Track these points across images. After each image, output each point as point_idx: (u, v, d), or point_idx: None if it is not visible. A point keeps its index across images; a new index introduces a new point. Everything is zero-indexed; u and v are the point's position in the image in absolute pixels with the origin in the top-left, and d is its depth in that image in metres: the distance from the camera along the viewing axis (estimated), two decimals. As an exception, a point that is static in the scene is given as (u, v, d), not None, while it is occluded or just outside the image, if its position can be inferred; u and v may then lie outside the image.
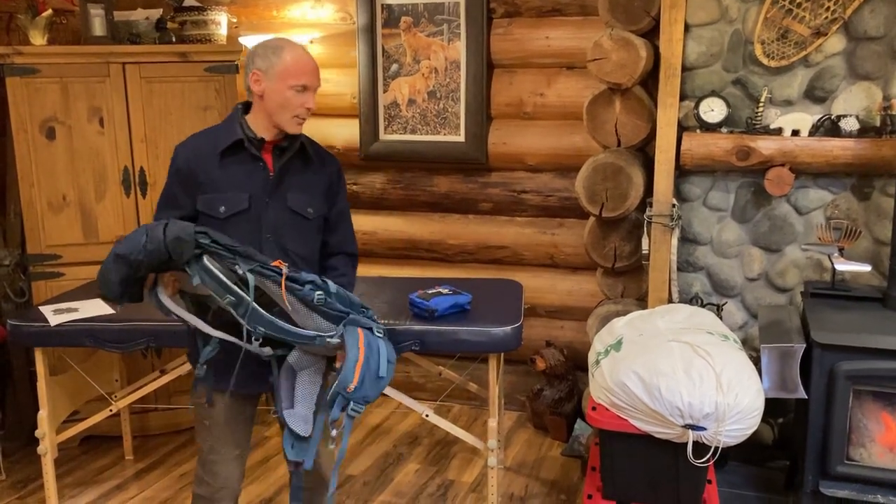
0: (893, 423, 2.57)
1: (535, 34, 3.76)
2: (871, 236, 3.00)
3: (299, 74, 2.21)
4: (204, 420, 2.36)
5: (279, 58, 2.20)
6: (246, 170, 2.27)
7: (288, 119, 2.24)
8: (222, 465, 2.37)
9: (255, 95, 2.24)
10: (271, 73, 2.20)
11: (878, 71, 2.90)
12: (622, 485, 2.56)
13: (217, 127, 2.36)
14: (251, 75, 2.22)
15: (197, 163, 2.25)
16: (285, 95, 2.21)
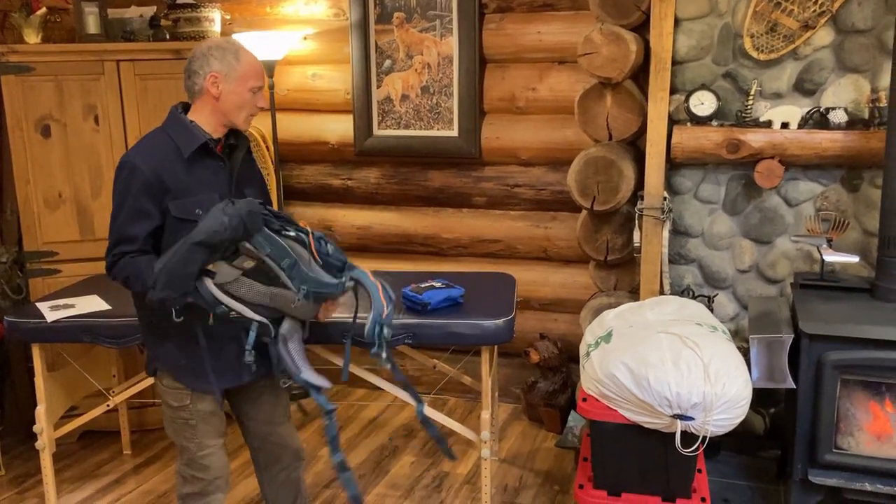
0: (881, 412, 2.60)
1: (526, 29, 3.78)
2: (860, 227, 3.03)
3: (257, 77, 2.29)
4: (188, 420, 2.39)
5: (238, 61, 2.25)
6: (211, 170, 2.31)
7: (244, 118, 2.32)
8: (212, 457, 2.43)
9: (207, 96, 2.26)
10: (232, 76, 2.25)
11: (866, 63, 2.92)
12: (613, 475, 2.59)
13: (163, 133, 2.30)
14: (208, 77, 2.23)
15: (163, 170, 2.22)
16: (244, 97, 2.28)
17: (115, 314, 2.93)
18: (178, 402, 2.38)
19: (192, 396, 2.36)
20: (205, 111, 2.29)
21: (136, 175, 2.21)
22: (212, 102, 2.27)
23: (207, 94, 2.26)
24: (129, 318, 2.91)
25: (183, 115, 2.31)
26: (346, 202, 4.27)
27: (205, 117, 2.29)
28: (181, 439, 2.42)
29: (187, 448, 2.42)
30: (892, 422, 2.60)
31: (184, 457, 2.44)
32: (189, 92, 2.30)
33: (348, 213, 4.28)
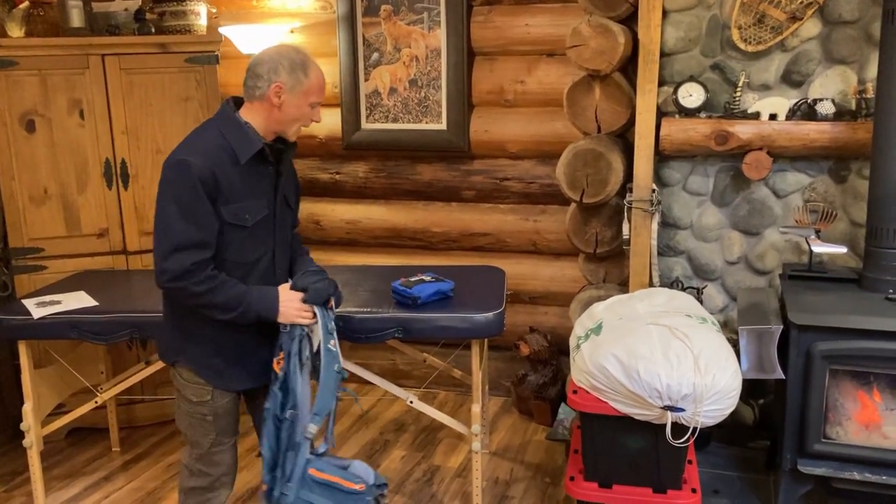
0: (869, 402, 2.62)
1: (514, 21, 3.77)
2: (847, 218, 3.04)
3: (320, 93, 2.29)
4: (206, 416, 2.36)
5: (306, 76, 2.24)
6: (260, 175, 2.29)
7: (295, 129, 2.31)
8: (224, 454, 2.42)
9: (267, 103, 2.23)
10: (297, 89, 2.23)
11: (853, 55, 2.93)
12: (603, 466, 2.59)
13: (216, 131, 2.25)
14: (272, 86, 2.20)
15: (219, 173, 2.18)
16: (303, 111, 2.27)
17: (102, 310, 2.91)
18: (199, 397, 2.35)
19: (214, 393, 2.34)
20: (260, 115, 2.26)
21: (190, 174, 2.15)
22: (270, 109, 2.24)
23: (268, 101, 2.23)
24: (116, 315, 2.90)
25: (237, 114, 2.26)
26: (335, 196, 4.26)
27: (259, 121, 2.26)
28: (195, 434, 2.40)
29: (200, 443, 2.40)
30: (879, 411, 2.61)
31: (194, 451, 2.42)
32: (248, 93, 2.26)
33: (337, 208, 4.26)
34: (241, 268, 2.29)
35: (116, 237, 3.63)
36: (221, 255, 2.24)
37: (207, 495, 2.45)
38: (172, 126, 3.65)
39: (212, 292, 2.19)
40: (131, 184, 3.61)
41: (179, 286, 2.18)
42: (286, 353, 2.33)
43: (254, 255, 2.31)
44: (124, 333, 2.88)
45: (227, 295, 2.21)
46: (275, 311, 2.27)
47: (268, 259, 2.36)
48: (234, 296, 2.22)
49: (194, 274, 2.16)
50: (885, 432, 2.60)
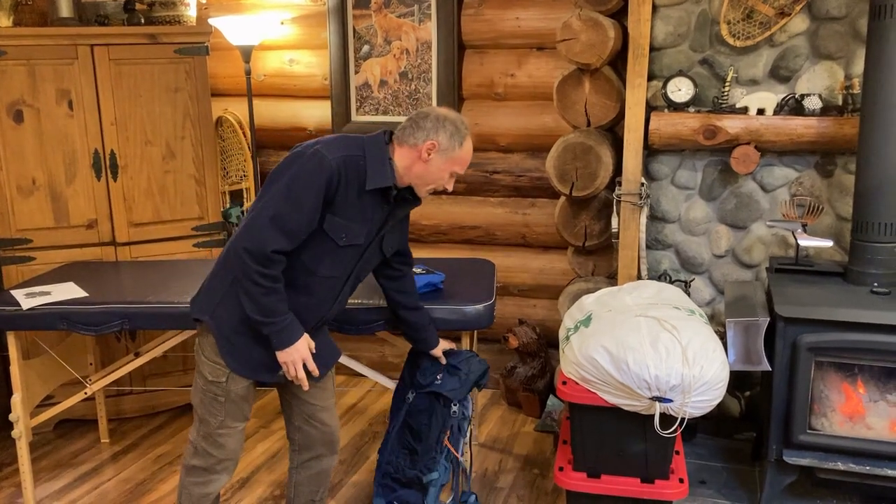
0: (853, 393, 2.65)
1: (505, 15, 3.78)
2: (833, 212, 3.08)
3: (463, 165, 2.35)
4: (218, 396, 2.37)
5: (461, 146, 2.30)
6: (373, 208, 2.31)
7: (427, 189, 2.35)
8: (230, 438, 2.42)
9: (416, 154, 2.28)
10: (448, 154, 2.28)
11: (840, 51, 2.96)
12: (592, 457, 2.62)
13: (360, 152, 2.27)
14: (428, 142, 2.26)
15: (344, 184, 2.21)
16: (443, 175, 2.32)
17: (91, 301, 2.91)
18: (214, 377, 2.36)
19: (229, 376, 2.34)
20: (405, 161, 2.30)
21: (324, 170, 2.18)
22: (416, 161, 2.29)
23: (418, 152, 2.28)
24: (106, 305, 2.90)
25: (386, 147, 2.30)
26: (325, 189, 4.25)
27: (402, 166, 2.30)
28: (205, 412, 2.40)
29: (208, 422, 2.40)
30: (864, 403, 2.65)
31: (202, 429, 2.42)
32: (402, 135, 2.30)
33: (326, 200, 4.25)
34: (310, 276, 2.30)
35: (105, 228, 3.62)
36: (300, 254, 2.25)
37: (207, 477, 2.45)
38: (162, 117, 3.64)
39: (265, 292, 2.19)
40: (120, 175, 3.60)
41: (248, 261, 2.17)
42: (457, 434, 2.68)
43: (328, 272, 2.32)
44: (114, 324, 2.87)
45: (272, 304, 2.22)
46: (283, 346, 2.27)
47: (338, 283, 2.37)
48: (275, 310, 2.23)
49: (266, 265, 2.17)
50: (869, 423, 2.64)
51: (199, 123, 3.73)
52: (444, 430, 2.75)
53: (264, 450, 3.54)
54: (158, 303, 2.91)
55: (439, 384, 2.73)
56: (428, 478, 2.74)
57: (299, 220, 2.19)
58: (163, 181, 3.69)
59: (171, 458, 3.48)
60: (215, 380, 2.36)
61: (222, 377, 2.35)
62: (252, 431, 3.70)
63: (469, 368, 2.75)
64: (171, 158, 3.69)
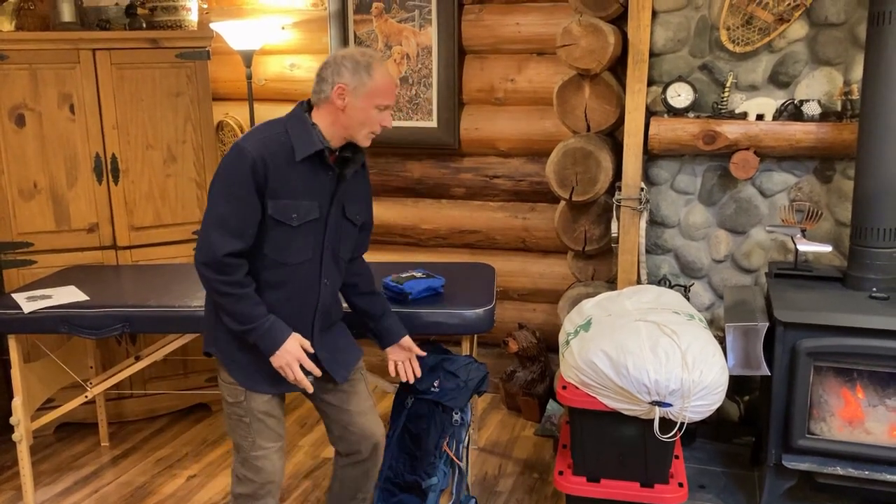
0: (852, 398, 2.66)
1: (505, 20, 3.80)
2: (832, 218, 3.09)
3: (386, 95, 2.23)
4: (242, 417, 2.33)
5: (370, 77, 2.19)
6: (317, 178, 2.25)
7: (364, 134, 2.25)
8: (266, 460, 2.36)
9: (331, 106, 2.21)
10: (360, 91, 2.19)
11: (839, 57, 2.97)
12: (592, 461, 2.62)
13: (282, 128, 2.23)
14: (335, 88, 2.18)
15: (273, 165, 2.16)
16: (369, 114, 2.21)
17: (92, 304, 2.92)
18: (233, 398, 2.33)
19: (247, 394, 2.31)
20: (327, 119, 2.23)
21: (244, 160, 2.14)
22: (335, 113, 2.21)
23: (332, 104, 2.20)
24: (107, 309, 2.90)
25: (307, 115, 2.25)
26: (325, 193, 4.26)
27: (326, 125, 2.23)
28: (236, 436, 2.36)
29: (241, 446, 2.36)
30: (862, 407, 2.66)
31: (239, 455, 2.37)
32: (315, 97, 2.24)
33: (327, 204, 4.26)
34: (281, 268, 2.26)
35: (106, 232, 3.63)
36: (262, 250, 2.22)
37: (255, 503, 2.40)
38: (163, 121, 3.65)
39: (234, 300, 2.18)
40: (121, 178, 3.61)
41: (208, 275, 2.17)
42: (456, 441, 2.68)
43: (297, 258, 2.27)
44: (115, 328, 2.88)
45: (245, 310, 2.19)
46: (272, 350, 2.23)
47: (313, 266, 2.31)
48: (251, 315, 2.20)
49: (225, 272, 2.15)
50: (868, 428, 2.65)
51: (200, 127, 3.75)
52: (444, 435, 2.75)
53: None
54: (159, 306, 2.91)
55: (438, 392, 2.74)
56: (427, 483, 2.74)
57: (239, 216, 2.16)
58: (164, 185, 3.70)
59: (171, 461, 3.48)
60: (235, 401, 2.33)
61: (240, 396, 2.32)
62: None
63: (468, 375, 2.75)
64: (172, 162, 3.70)
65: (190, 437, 3.71)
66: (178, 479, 3.33)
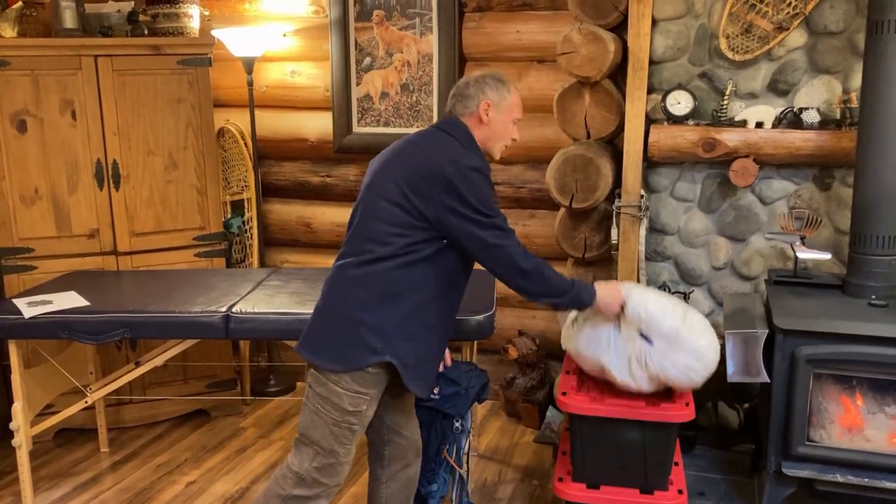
0: (852, 405, 2.66)
1: (506, 28, 3.81)
2: (831, 225, 3.09)
3: (520, 109, 2.41)
4: (353, 426, 2.31)
5: (509, 93, 2.36)
6: None
7: (500, 147, 2.41)
8: (346, 466, 2.37)
9: (476, 121, 2.33)
10: (502, 105, 2.34)
11: (838, 65, 2.99)
12: (591, 467, 2.62)
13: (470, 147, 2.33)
14: (482, 104, 2.32)
15: None
16: (508, 127, 2.38)
17: (93, 310, 2.92)
18: (355, 406, 2.29)
19: (370, 403, 2.31)
20: (475, 135, 2.35)
21: (484, 172, 2.27)
22: (478, 127, 2.34)
23: (477, 118, 2.33)
24: (108, 314, 2.91)
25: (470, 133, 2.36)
26: (325, 199, 4.27)
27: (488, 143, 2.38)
28: (334, 444, 2.32)
29: (335, 453, 2.32)
30: (862, 415, 2.66)
31: (320, 460, 2.33)
32: (460, 114, 2.36)
33: (327, 211, 4.28)
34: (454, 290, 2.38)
35: (107, 238, 3.63)
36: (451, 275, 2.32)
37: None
38: (164, 127, 3.66)
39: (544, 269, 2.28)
40: (122, 184, 3.61)
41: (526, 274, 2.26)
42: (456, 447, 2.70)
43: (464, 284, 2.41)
44: (115, 333, 2.88)
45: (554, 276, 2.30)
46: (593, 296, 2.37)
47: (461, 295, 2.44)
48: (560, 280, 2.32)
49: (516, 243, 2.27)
50: (868, 435, 2.65)
51: (201, 134, 3.76)
52: (445, 442, 2.75)
53: (263, 460, 3.54)
54: (159, 312, 2.92)
55: (438, 399, 2.74)
56: (427, 490, 2.74)
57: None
58: (165, 191, 3.71)
59: (171, 467, 3.48)
60: (356, 409, 2.30)
61: (363, 405, 2.30)
62: (251, 441, 3.71)
63: (469, 382, 2.76)
64: (173, 168, 3.71)
65: (189, 443, 3.71)
66: (177, 486, 3.33)
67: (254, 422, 3.92)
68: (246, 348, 4.17)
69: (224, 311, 2.91)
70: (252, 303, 2.97)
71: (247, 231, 4.22)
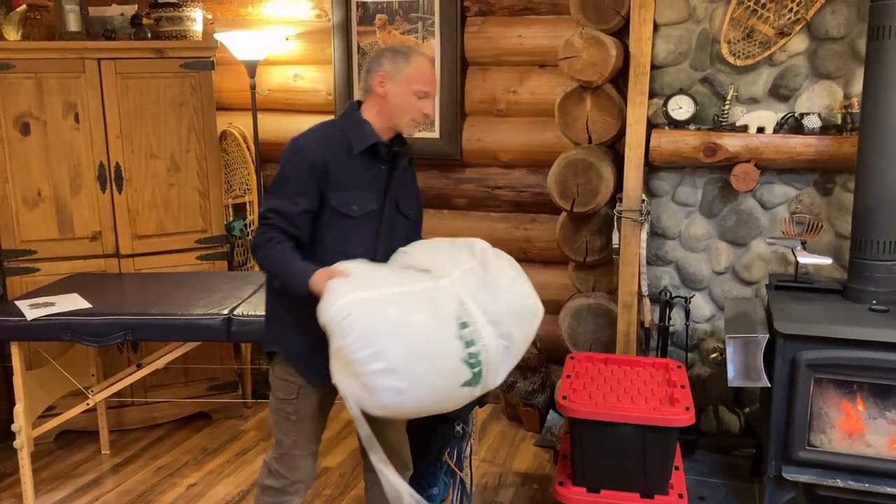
0: (852, 410, 2.66)
1: (508, 32, 3.82)
2: (832, 230, 3.10)
3: (424, 81, 2.30)
4: (290, 416, 2.37)
5: (408, 64, 2.28)
6: (372, 172, 2.32)
7: (406, 122, 2.32)
8: (303, 460, 2.41)
9: (375, 96, 2.30)
10: (398, 77, 2.27)
11: (839, 70, 2.99)
12: (592, 471, 2.62)
13: (337, 125, 2.35)
14: (376, 76, 2.28)
15: (332, 159, 2.25)
16: (408, 100, 2.29)
17: (95, 312, 2.93)
18: (285, 394, 2.37)
19: (299, 393, 2.35)
20: (372, 111, 2.32)
21: (306, 155, 2.25)
22: (378, 103, 2.30)
23: (374, 93, 2.30)
24: (110, 317, 2.92)
25: (358, 112, 2.33)
26: (327, 203, 4.27)
27: (373, 117, 2.32)
28: (279, 432, 2.41)
29: (282, 442, 2.41)
30: (862, 420, 2.66)
31: (277, 450, 2.42)
32: (362, 93, 2.35)
33: (329, 214, 4.28)
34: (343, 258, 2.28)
35: (109, 240, 3.64)
36: (325, 242, 2.27)
37: (281, 498, 2.44)
38: (167, 130, 3.67)
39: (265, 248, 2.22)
40: (125, 187, 3.62)
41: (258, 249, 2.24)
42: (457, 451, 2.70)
43: (357, 250, 2.30)
44: (117, 335, 2.89)
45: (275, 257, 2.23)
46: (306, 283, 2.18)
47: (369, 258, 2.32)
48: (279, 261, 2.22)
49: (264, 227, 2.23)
50: (868, 440, 2.65)
51: (203, 137, 3.77)
52: (445, 446, 2.75)
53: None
54: (161, 315, 2.93)
55: None
56: (428, 493, 2.74)
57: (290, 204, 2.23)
58: (167, 194, 3.72)
59: (172, 469, 3.48)
60: (286, 397, 2.37)
61: (293, 394, 2.35)
62: (252, 444, 3.71)
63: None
64: (175, 171, 3.72)
65: (190, 446, 3.71)
66: (178, 488, 3.33)
67: (255, 425, 3.93)
68: (247, 351, 4.17)
69: (226, 313, 2.92)
70: (254, 305, 2.98)
71: (249, 234, 4.22)
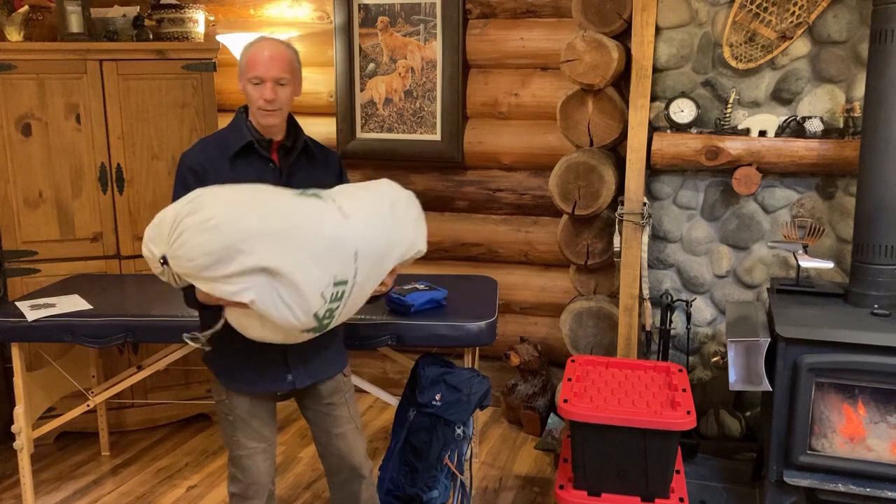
0: (853, 414, 2.66)
1: (509, 35, 3.82)
2: (834, 234, 3.09)
3: (253, 67, 2.21)
4: (227, 416, 2.37)
5: (244, 55, 2.24)
6: (257, 171, 2.26)
7: (255, 112, 2.25)
8: (249, 460, 2.37)
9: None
10: (240, 69, 2.25)
11: (841, 74, 2.99)
12: (592, 475, 2.62)
13: (223, 131, 2.33)
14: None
15: (209, 165, 2.21)
16: (247, 90, 2.23)
17: (96, 314, 2.92)
18: (218, 396, 2.38)
19: (228, 393, 2.35)
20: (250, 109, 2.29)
21: (182, 165, 2.24)
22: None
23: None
24: (110, 318, 2.91)
25: (244, 114, 2.29)
26: (328, 205, 4.27)
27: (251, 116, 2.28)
28: (224, 435, 2.42)
29: (228, 444, 2.41)
30: (864, 424, 2.65)
31: (229, 454, 2.42)
32: None
33: (330, 216, 4.28)
34: None
35: (110, 241, 3.64)
36: None
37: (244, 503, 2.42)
38: (168, 132, 3.67)
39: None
40: (126, 188, 3.62)
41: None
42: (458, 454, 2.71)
43: None
44: (118, 337, 2.89)
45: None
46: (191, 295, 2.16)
47: None
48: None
49: None
50: (870, 445, 2.64)
51: (205, 138, 3.77)
52: (446, 449, 2.75)
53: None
54: (162, 316, 2.92)
55: (440, 405, 2.74)
56: (428, 496, 2.74)
57: None
58: (168, 195, 3.68)
59: (172, 471, 3.48)
60: (219, 398, 2.38)
61: (223, 394, 2.37)
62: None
63: (471, 389, 2.75)
64: (176, 173, 3.72)
65: (190, 448, 3.71)
66: (178, 490, 3.33)
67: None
68: (248, 353, 4.17)
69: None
70: (254, 307, 2.97)
71: (250, 236, 4.22)
